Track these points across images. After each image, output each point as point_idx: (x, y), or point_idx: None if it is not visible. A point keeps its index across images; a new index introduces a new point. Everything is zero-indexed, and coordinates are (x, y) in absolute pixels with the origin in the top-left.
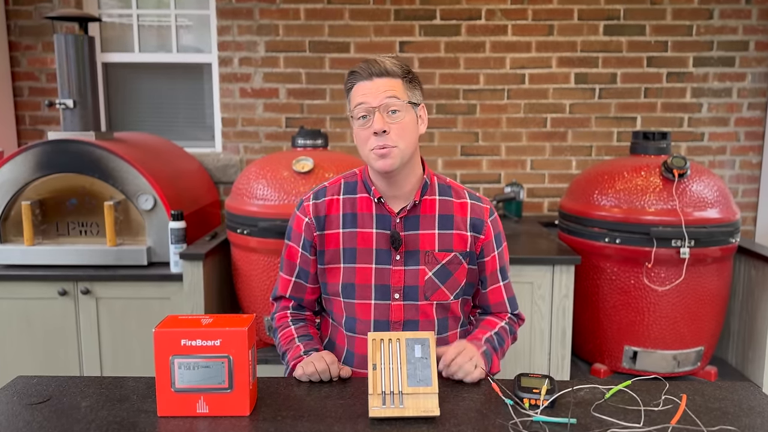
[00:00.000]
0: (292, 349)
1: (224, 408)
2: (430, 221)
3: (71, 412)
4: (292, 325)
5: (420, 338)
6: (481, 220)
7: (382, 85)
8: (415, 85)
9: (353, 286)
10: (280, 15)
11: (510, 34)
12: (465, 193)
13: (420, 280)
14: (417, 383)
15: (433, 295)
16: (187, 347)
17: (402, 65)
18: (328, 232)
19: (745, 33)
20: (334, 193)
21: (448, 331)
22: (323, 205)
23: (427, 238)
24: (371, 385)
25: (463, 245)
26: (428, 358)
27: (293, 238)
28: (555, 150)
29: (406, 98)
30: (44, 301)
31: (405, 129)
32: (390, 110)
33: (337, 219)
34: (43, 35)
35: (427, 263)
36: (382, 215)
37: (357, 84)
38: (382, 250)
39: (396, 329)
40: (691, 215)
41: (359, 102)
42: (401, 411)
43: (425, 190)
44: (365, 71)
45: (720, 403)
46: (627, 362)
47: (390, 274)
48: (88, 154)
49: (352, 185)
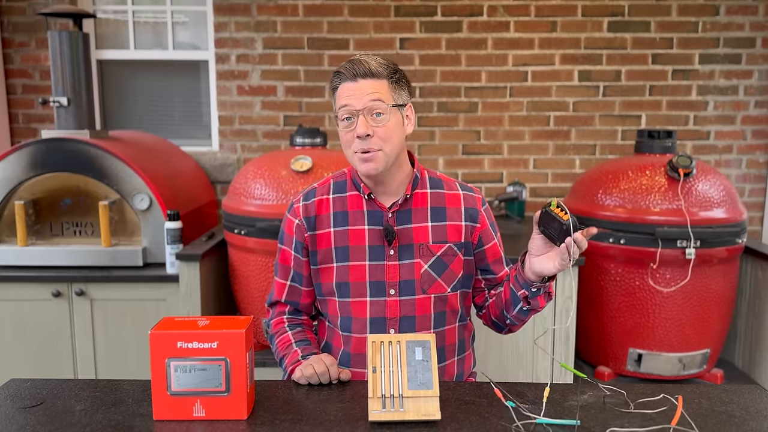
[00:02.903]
0: (290, 354)
1: (221, 412)
2: (423, 214)
3: (65, 416)
4: (289, 330)
5: (421, 340)
6: (475, 209)
7: (367, 87)
8: (401, 86)
9: (347, 284)
10: (278, 11)
11: (512, 31)
12: (456, 185)
13: (416, 273)
14: (418, 386)
15: (431, 288)
16: (183, 350)
17: (388, 65)
18: (319, 232)
19: (752, 29)
20: (324, 193)
21: (446, 326)
22: (313, 206)
23: (421, 231)
24: (371, 389)
25: (458, 236)
26: (429, 361)
27: (285, 242)
28: (558, 149)
29: (391, 101)
30: (38, 303)
31: (389, 132)
32: (374, 113)
33: (328, 218)
34: (36, 32)
35: (422, 256)
36: (373, 211)
37: (342, 84)
38: (375, 246)
39: (392, 326)
40: (697, 215)
41: (343, 104)
42: (402, 415)
43: (416, 184)
44: (349, 72)
45: (726, 407)
46: (632, 365)
47: (384, 270)
48: (83, 153)
49: (341, 184)
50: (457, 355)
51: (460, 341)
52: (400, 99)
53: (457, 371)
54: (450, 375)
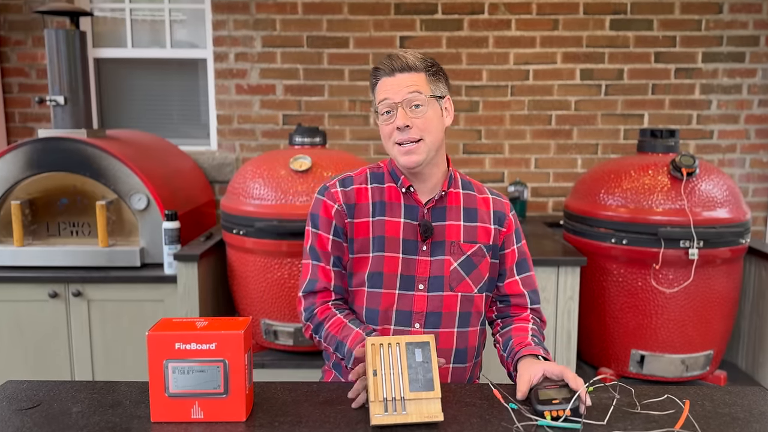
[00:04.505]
0: (351, 336)
1: (219, 413)
2: (456, 212)
3: (62, 418)
4: (339, 313)
5: (420, 341)
6: (503, 213)
7: (405, 80)
8: (439, 78)
9: (381, 275)
10: (277, 9)
11: (514, 29)
12: (486, 189)
13: (445, 270)
14: (419, 388)
15: (458, 286)
16: (181, 351)
17: (425, 58)
18: (358, 221)
19: (756, 28)
20: (362, 182)
21: (469, 327)
22: (352, 193)
23: (453, 229)
24: (372, 392)
25: (487, 238)
26: (429, 362)
27: (322, 226)
28: (560, 148)
29: (428, 92)
30: (34, 304)
31: (428, 122)
32: (413, 105)
33: (367, 207)
34: (33, 30)
35: (453, 254)
36: (409, 205)
37: (381, 80)
38: (409, 240)
39: (418, 320)
40: (700, 215)
41: (383, 98)
42: (404, 417)
43: (451, 183)
44: (387, 67)
45: (730, 409)
46: (634, 366)
47: (416, 265)
48: (80, 153)
49: (379, 175)
50: (474, 358)
51: (480, 345)
52: (438, 90)
53: (470, 374)
54: (464, 379)
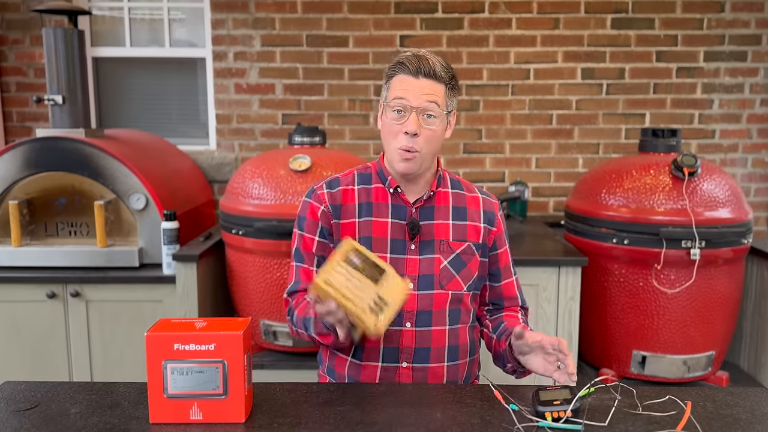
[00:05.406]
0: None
1: (218, 415)
2: (444, 212)
3: (60, 419)
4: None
5: (346, 249)
6: (493, 213)
7: (426, 87)
8: (455, 93)
9: None
10: (276, 8)
11: (514, 28)
12: (475, 188)
13: (435, 268)
14: (377, 277)
15: (449, 285)
16: (180, 352)
17: (449, 69)
18: (344, 222)
19: (758, 26)
20: (349, 183)
21: (459, 324)
22: (338, 194)
23: (442, 227)
24: (356, 311)
25: (476, 236)
26: (366, 256)
27: (307, 228)
28: (561, 147)
29: (444, 107)
30: (32, 304)
31: (435, 136)
32: (426, 113)
33: (353, 208)
34: (31, 29)
35: (442, 252)
36: (397, 205)
37: (401, 76)
38: (397, 240)
39: (409, 319)
40: (702, 215)
41: (399, 96)
42: (391, 308)
43: (439, 183)
44: (414, 66)
45: (732, 410)
46: (635, 367)
47: (405, 264)
48: (78, 152)
49: (366, 176)
50: (469, 356)
51: (472, 342)
52: (451, 105)
53: (467, 372)
54: (461, 376)
